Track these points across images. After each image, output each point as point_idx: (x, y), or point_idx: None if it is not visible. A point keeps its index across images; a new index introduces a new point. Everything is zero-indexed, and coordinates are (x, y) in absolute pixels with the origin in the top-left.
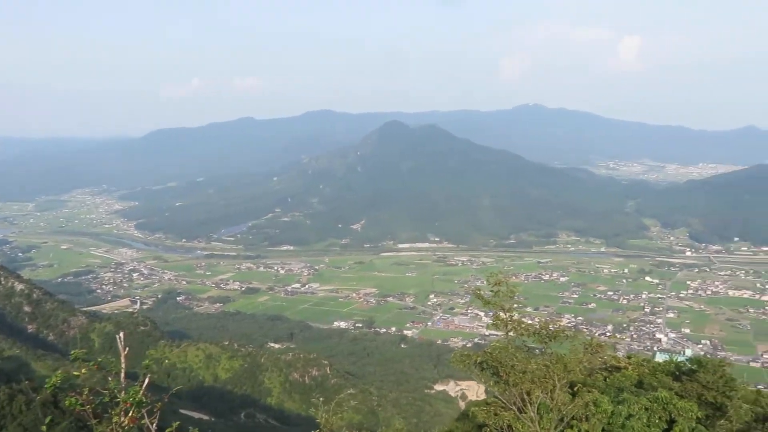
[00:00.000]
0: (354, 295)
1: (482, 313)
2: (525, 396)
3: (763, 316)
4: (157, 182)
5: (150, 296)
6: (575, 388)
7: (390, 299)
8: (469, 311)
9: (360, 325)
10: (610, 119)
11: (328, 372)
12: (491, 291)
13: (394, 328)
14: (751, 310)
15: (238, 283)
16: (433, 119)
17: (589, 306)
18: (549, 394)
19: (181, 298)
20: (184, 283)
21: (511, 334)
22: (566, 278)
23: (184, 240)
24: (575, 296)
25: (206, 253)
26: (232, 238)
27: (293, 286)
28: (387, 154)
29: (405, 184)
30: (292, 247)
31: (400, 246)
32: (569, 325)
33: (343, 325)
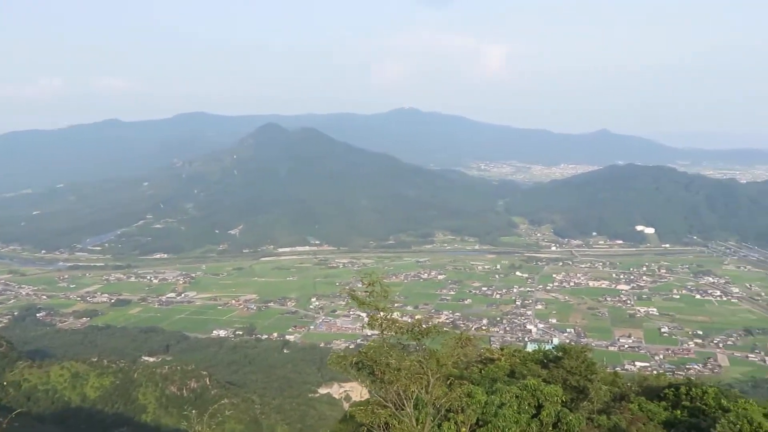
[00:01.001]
0: (233, 302)
1: (364, 315)
2: (401, 393)
3: (619, 304)
4: (10, 189)
5: (4, 314)
6: (448, 381)
7: (271, 305)
8: (351, 313)
9: (240, 333)
10: (480, 122)
11: (208, 383)
12: (366, 291)
13: (276, 334)
14: (609, 299)
15: (106, 295)
16: (310, 122)
17: (466, 302)
18: (424, 389)
19: (41, 314)
20: (45, 297)
21: (386, 333)
22: (444, 276)
23: (43, 251)
24: (452, 293)
25: (69, 264)
26: (99, 248)
27: (168, 295)
28: (264, 158)
29: (284, 188)
30: (166, 255)
31: (281, 250)
32: (447, 320)
33: (222, 333)
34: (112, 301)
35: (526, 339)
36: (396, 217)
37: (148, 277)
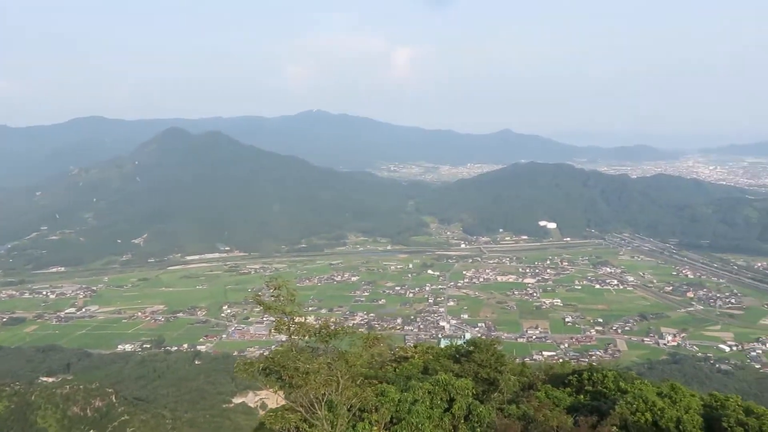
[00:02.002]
0: (140, 314)
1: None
2: (312, 396)
3: (526, 297)
4: None
5: None
6: (359, 381)
7: (180, 315)
8: (264, 319)
9: (148, 346)
10: (389, 124)
11: (114, 401)
12: (272, 296)
13: (186, 345)
14: (516, 293)
15: None
16: (216, 125)
17: (380, 302)
18: (335, 390)
19: None
20: None
21: (294, 336)
22: (357, 277)
23: None
24: (366, 294)
25: None
26: None
27: (67, 311)
28: (169, 163)
29: (190, 194)
30: (63, 269)
31: (189, 258)
32: (362, 322)
33: (128, 347)
34: (4, 320)
35: (440, 335)
36: (308, 221)
37: (45, 293)
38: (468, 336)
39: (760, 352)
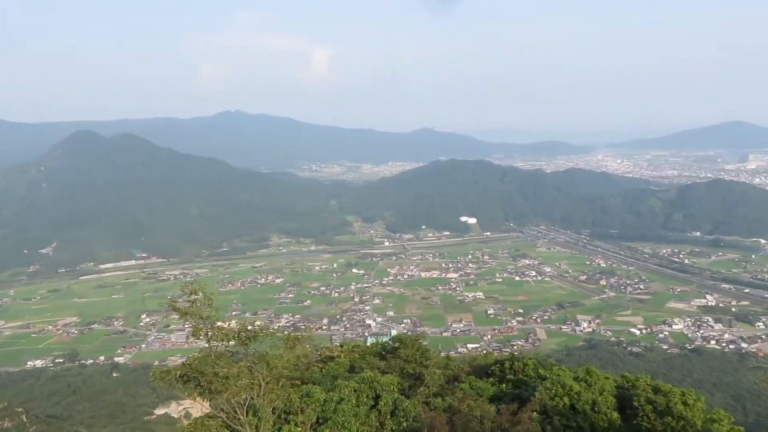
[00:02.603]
0: (51, 327)
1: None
2: (233, 401)
3: (450, 292)
4: None
5: None
6: (280, 384)
7: (95, 326)
8: (186, 326)
9: (61, 360)
10: (309, 124)
11: (25, 420)
12: (188, 301)
13: (103, 358)
14: (440, 288)
15: None
16: (126, 128)
17: (305, 303)
18: (257, 394)
19: None
20: None
21: (212, 342)
22: (282, 279)
23: None
24: (291, 296)
25: None
26: None
27: None
28: (78, 168)
29: (103, 199)
30: None
31: (103, 267)
32: (288, 324)
33: (39, 363)
34: None
35: (366, 334)
36: (229, 223)
37: None
38: (394, 332)
39: (667, 333)
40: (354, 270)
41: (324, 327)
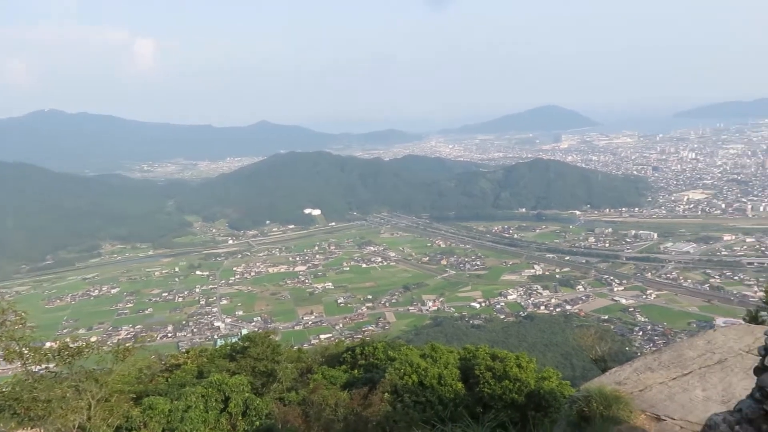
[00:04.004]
0: None
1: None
2: (59, 425)
3: (299, 285)
4: None
5: None
6: (113, 400)
7: None
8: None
9: None
10: (136, 121)
11: None
12: None
13: None
14: (289, 282)
15: None
16: None
17: (147, 312)
18: (87, 414)
19: None
20: None
21: (29, 364)
22: (118, 289)
23: None
24: (130, 305)
25: None
26: None
27: None
28: None
29: None
30: None
31: None
32: (128, 336)
33: None
34: None
35: (216, 336)
36: (52, 234)
37: None
38: (245, 331)
39: (503, 304)
40: (198, 272)
41: (169, 334)
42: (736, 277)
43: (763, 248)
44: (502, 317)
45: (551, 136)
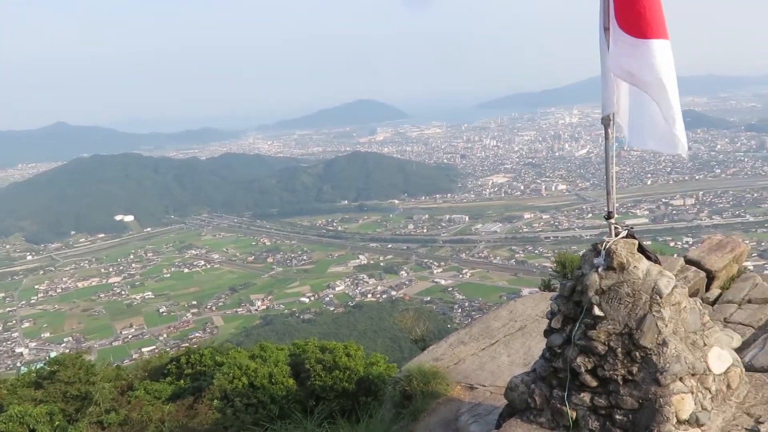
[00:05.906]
0: None
1: None
2: None
3: (114, 297)
4: None
5: None
6: None
7: None
8: None
9: None
10: None
11: None
12: None
13: None
14: (103, 296)
15: None
16: None
17: None
18: None
19: None
20: None
21: None
22: None
23: None
24: None
25: None
26: None
27: None
28: None
29: None
30: None
31: None
32: None
33: None
34: None
35: (19, 364)
36: None
37: None
38: (54, 354)
39: (332, 296)
40: None
41: None
42: (536, 251)
43: (556, 223)
44: (332, 309)
45: (367, 129)
